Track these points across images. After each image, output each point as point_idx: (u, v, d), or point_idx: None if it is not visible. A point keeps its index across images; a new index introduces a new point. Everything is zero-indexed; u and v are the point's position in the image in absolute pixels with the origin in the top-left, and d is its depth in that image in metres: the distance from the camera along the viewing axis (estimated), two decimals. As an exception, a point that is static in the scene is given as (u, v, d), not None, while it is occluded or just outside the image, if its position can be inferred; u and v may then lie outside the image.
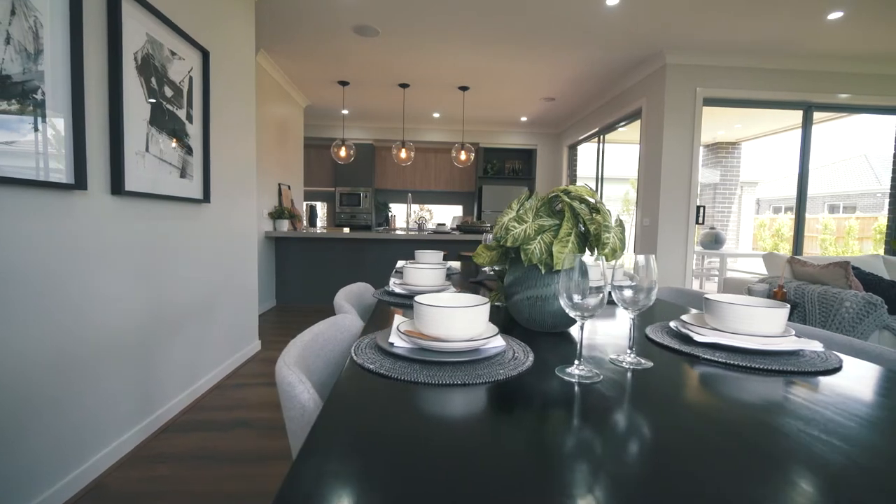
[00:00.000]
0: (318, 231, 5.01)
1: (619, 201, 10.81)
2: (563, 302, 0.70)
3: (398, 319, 0.88)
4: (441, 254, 2.14)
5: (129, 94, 1.69)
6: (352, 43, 3.88)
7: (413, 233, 5.09)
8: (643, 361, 0.74)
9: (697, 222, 4.12)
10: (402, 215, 8.26)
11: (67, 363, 1.45)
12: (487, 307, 0.76)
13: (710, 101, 4.06)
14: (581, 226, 0.91)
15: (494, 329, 0.77)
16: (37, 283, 1.33)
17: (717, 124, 6.34)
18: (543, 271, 0.91)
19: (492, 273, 1.96)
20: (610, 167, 6.74)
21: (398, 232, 5.41)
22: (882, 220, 10.75)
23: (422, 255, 2.12)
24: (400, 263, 2.30)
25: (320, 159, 7.14)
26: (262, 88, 4.23)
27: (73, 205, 1.46)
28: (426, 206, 8.73)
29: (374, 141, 7.06)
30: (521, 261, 0.95)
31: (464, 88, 5.08)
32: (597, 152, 5.66)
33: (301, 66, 4.49)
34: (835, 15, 3.22)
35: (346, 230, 5.14)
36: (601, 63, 4.26)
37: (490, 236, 1.96)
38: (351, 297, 1.41)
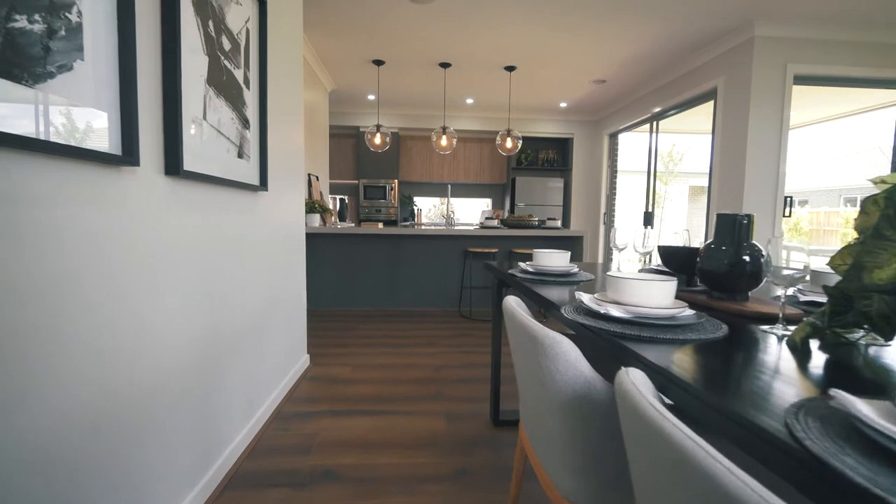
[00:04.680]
0: (350, 226, 4.56)
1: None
2: None
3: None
4: (567, 253, 1.70)
5: (185, 35, 1.23)
6: (400, 13, 3.41)
7: (459, 228, 4.65)
8: None
9: (785, 215, 3.69)
10: (425, 209, 7.80)
11: (118, 412, 1.00)
12: None
13: (801, 80, 3.61)
14: None
15: None
16: (75, 305, 0.87)
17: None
18: None
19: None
20: (625, 160, 6.28)
21: (423, 227, 4.96)
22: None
23: (544, 256, 1.67)
24: (535, 263, 1.85)
25: (342, 150, 6.67)
26: (295, 66, 3.75)
27: (121, 187, 1.01)
28: (444, 200, 8.28)
29: (400, 129, 6.59)
30: None
31: (510, 69, 4.61)
32: (649, 141, 5.20)
33: (335, 42, 4.01)
34: (970, -26, 2.78)
35: (380, 226, 4.70)
36: (672, 37, 3.79)
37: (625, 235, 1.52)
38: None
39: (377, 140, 4.58)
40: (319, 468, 1.57)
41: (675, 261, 1.31)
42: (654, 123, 5.12)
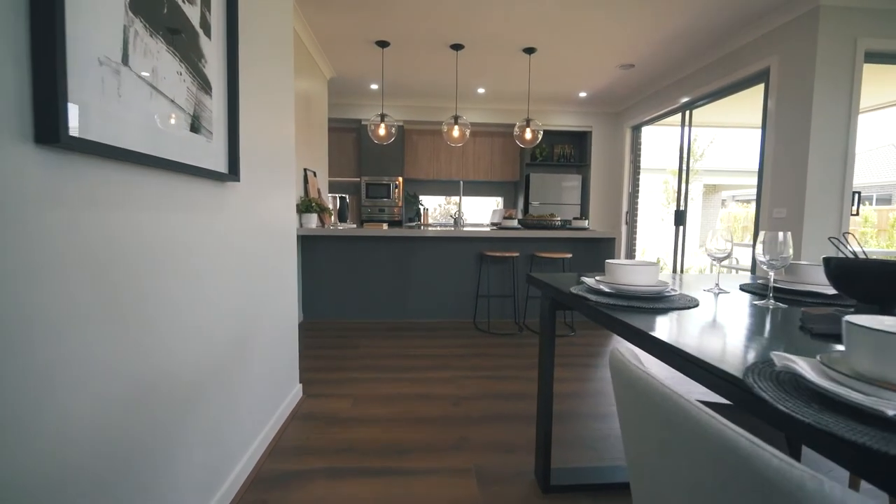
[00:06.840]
0: (352, 227, 4.07)
1: (661, 192, 9.89)
2: None
3: None
4: (656, 266, 1.21)
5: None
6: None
7: (473, 230, 4.17)
8: None
9: (853, 213, 3.20)
10: (431, 209, 7.31)
11: None
12: None
13: (874, 57, 3.12)
14: None
15: None
16: None
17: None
18: None
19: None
20: (643, 156, 5.77)
21: (432, 228, 4.48)
22: (927, 211, 9.71)
23: (627, 271, 1.19)
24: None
25: (342, 145, 6.19)
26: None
27: None
28: (452, 199, 7.79)
29: (405, 123, 6.10)
30: None
31: (529, 51, 4.12)
32: (681, 133, 4.71)
33: (335, 19, 3.52)
34: None
35: (385, 226, 4.21)
36: (720, 10, 3.31)
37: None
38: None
39: (381, 131, 4.10)
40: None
41: (867, 281, 0.82)
42: (687, 114, 4.63)
